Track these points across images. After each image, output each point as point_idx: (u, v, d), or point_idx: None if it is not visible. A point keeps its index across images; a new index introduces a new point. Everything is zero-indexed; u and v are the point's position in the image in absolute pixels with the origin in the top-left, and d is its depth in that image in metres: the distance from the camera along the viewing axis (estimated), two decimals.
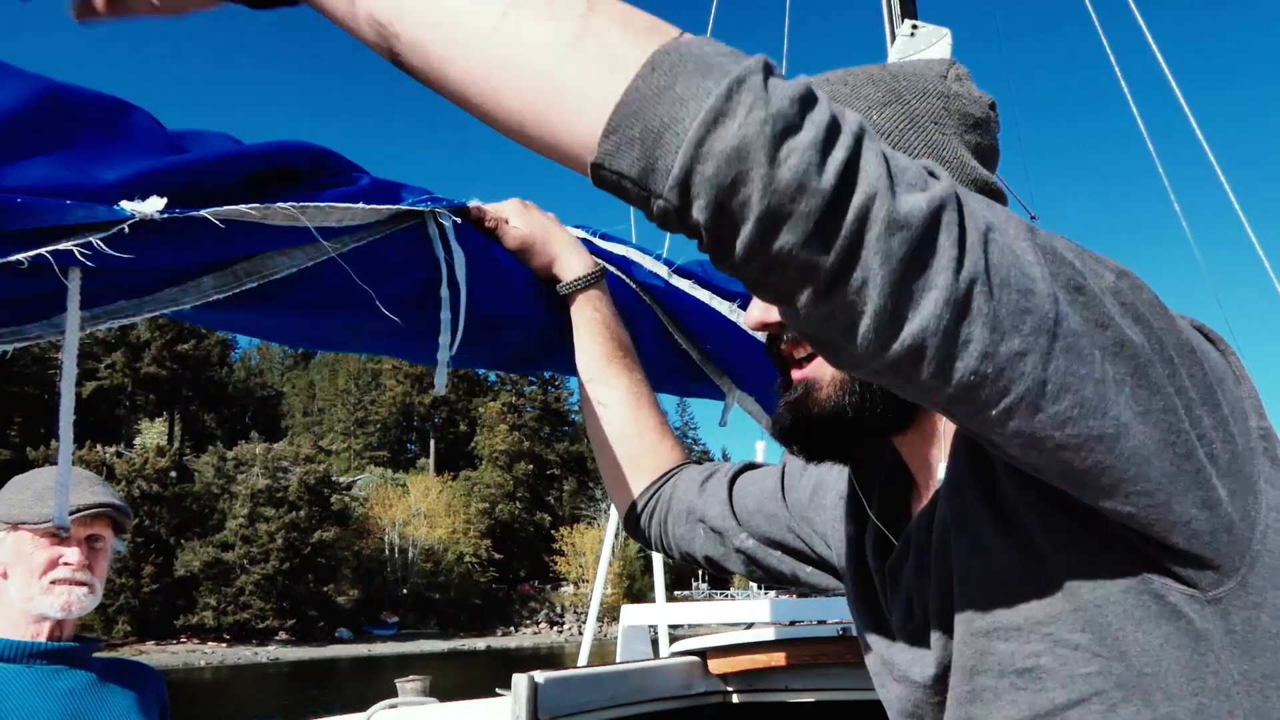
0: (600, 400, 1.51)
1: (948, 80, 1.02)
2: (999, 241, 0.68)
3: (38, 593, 1.99)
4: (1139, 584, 0.76)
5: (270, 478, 65.10)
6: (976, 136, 1.01)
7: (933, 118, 1.00)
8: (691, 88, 0.61)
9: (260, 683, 44.07)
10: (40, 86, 1.08)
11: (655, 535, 1.46)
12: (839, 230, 0.62)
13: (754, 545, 1.33)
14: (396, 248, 1.37)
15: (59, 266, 1.00)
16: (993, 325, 0.65)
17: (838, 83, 1.02)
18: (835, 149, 0.62)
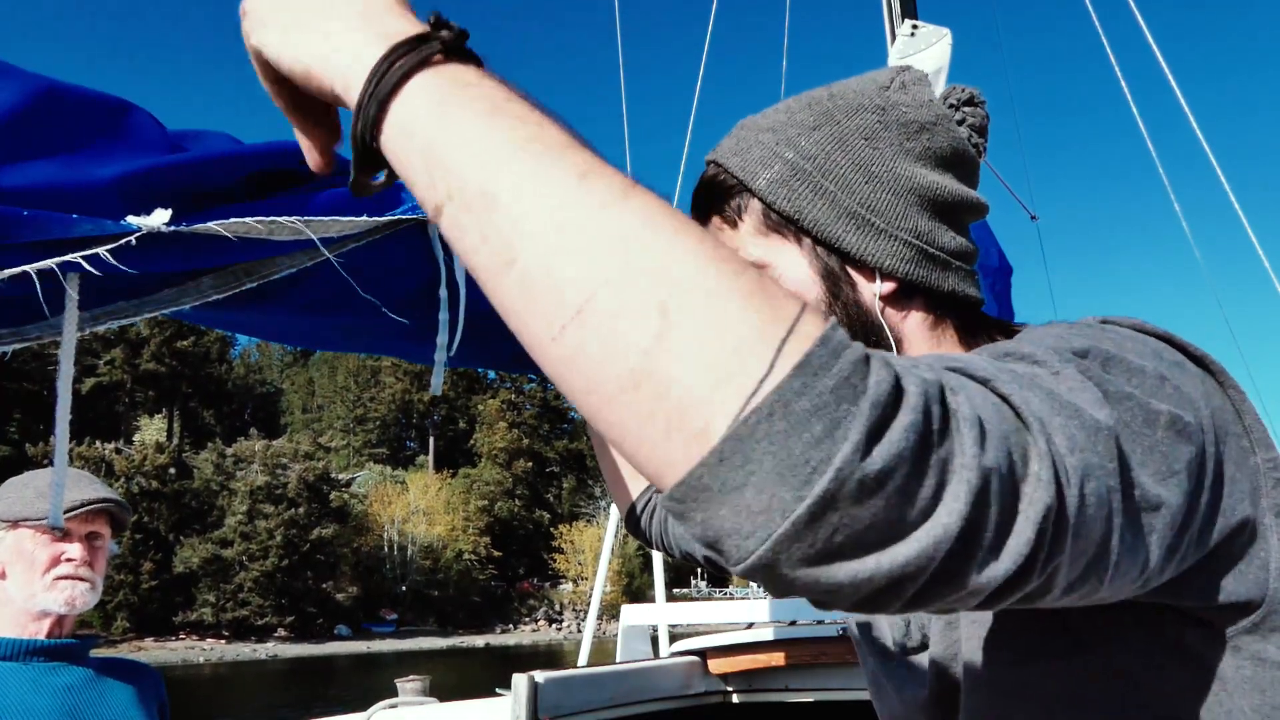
0: None
1: (889, 90, 1.02)
2: (1090, 501, 0.58)
3: (41, 589, 2.00)
4: (1154, 627, 0.76)
5: (269, 475, 65.12)
6: (925, 140, 1.00)
7: (864, 134, 1.00)
8: (765, 497, 0.47)
9: (259, 679, 44.07)
10: (41, 86, 1.08)
11: (655, 534, 1.46)
12: (943, 601, 0.54)
13: None
14: (396, 249, 1.37)
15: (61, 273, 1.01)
16: (1064, 588, 0.59)
17: (781, 111, 1.04)
18: (942, 513, 0.50)
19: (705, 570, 7.86)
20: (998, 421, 0.55)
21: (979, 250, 1.04)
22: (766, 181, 1.01)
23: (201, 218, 1.12)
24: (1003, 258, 3.06)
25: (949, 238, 1.00)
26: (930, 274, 0.99)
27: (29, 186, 1.02)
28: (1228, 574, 0.75)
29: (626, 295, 0.50)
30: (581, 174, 0.53)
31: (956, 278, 1.00)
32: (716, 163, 1.05)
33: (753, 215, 1.02)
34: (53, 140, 1.08)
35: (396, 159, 0.58)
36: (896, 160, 0.99)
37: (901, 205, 0.99)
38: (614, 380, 0.51)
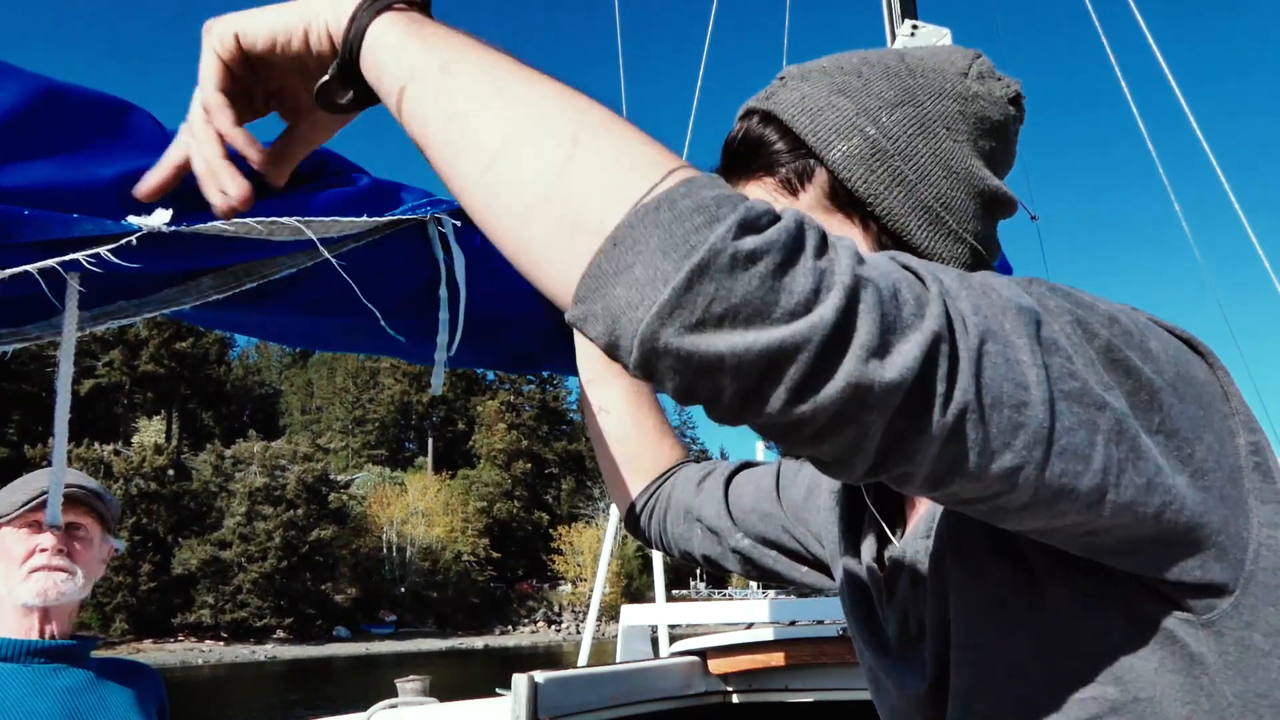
0: (600, 400, 1.50)
1: (969, 79, 0.96)
2: (992, 353, 0.64)
3: (17, 582, 2.00)
4: (1136, 612, 0.76)
5: (268, 476, 65.08)
6: (991, 141, 0.96)
7: (945, 122, 0.94)
8: (650, 270, 0.56)
9: (258, 681, 44.04)
10: (41, 86, 1.08)
11: (655, 534, 1.45)
12: (828, 398, 0.59)
13: (749, 545, 1.32)
14: (396, 250, 1.37)
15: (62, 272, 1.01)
16: (981, 448, 0.63)
17: (851, 74, 0.95)
18: (820, 308, 0.57)
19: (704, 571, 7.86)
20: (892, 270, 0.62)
21: None
22: (843, 155, 0.92)
23: (202, 218, 1.12)
24: (1003, 258, 3.06)
25: (995, 245, 0.98)
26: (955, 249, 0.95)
27: (29, 186, 1.02)
28: (1203, 551, 0.74)
29: (545, 125, 0.64)
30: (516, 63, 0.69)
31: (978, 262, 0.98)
32: (773, 116, 0.96)
33: (817, 186, 0.94)
34: (53, 140, 1.08)
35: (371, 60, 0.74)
36: (971, 158, 0.94)
37: (973, 206, 0.94)
38: (531, 196, 0.62)
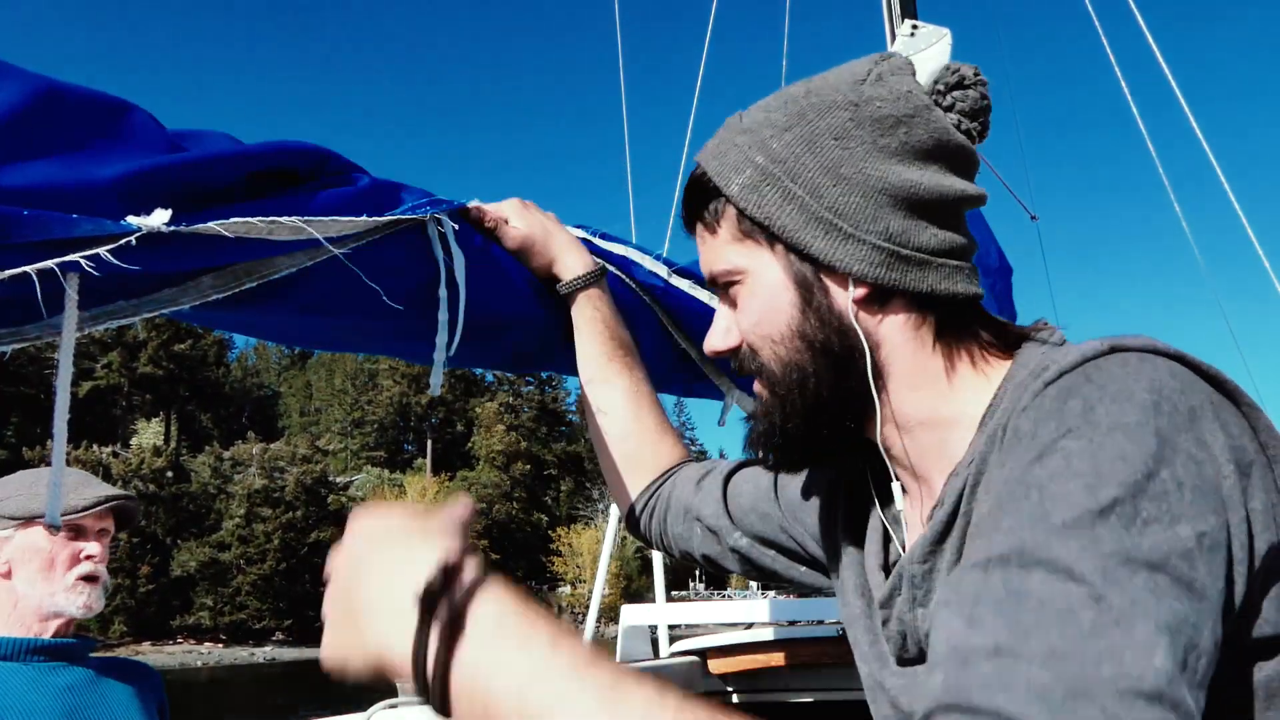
0: (601, 400, 1.50)
1: (864, 84, 0.99)
2: None
3: (61, 590, 1.98)
4: None
5: (267, 478, 65.04)
6: (903, 135, 0.96)
7: (834, 133, 0.97)
8: None
9: (257, 683, 44.00)
10: (40, 86, 1.08)
11: (656, 534, 1.45)
12: None
13: (748, 544, 1.32)
14: (396, 250, 1.37)
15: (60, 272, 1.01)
16: None
17: (760, 109, 1.03)
18: None
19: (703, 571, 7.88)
20: None
21: (975, 242, 1.02)
22: (739, 187, 1.00)
23: (201, 218, 1.12)
24: (1003, 258, 3.06)
25: (929, 235, 0.97)
26: (904, 275, 0.96)
27: (28, 186, 1.01)
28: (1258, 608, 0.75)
29: None
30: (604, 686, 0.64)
31: (939, 275, 0.97)
32: (700, 164, 1.05)
33: (728, 221, 1.02)
34: (52, 140, 1.08)
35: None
36: (868, 159, 0.96)
37: (871, 207, 0.96)
38: None
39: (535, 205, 1.61)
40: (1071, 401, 0.77)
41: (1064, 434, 0.75)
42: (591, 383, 1.51)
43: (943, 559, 0.93)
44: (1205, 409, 0.76)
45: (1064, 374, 0.80)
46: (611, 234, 1.77)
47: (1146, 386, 0.76)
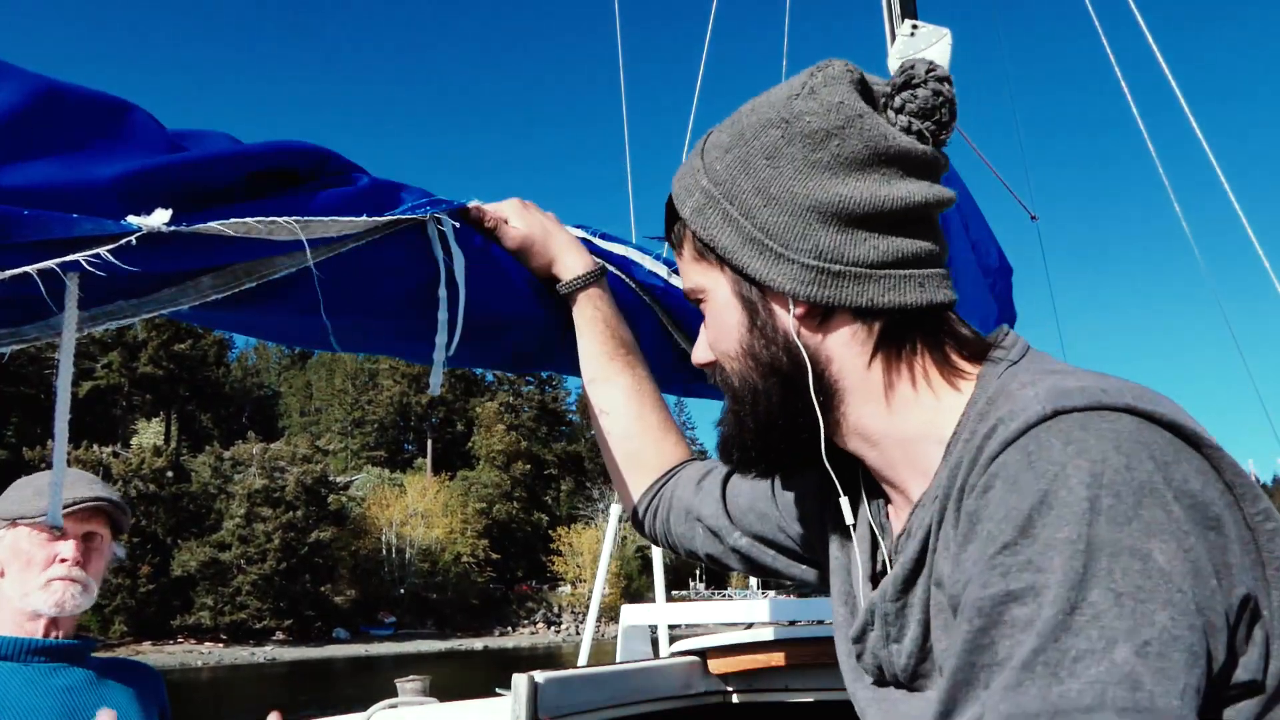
0: (603, 399, 1.50)
1: (797, 99, 0.98)
2: None
3: (35, 589, 1.99)
4: None
5: (267, 478, 65.03)
6: (834, 148, 0.95)
7: (765, 152, 0.97)
8: None
9: (257, 683, 44.01)
10: (40, 86, 1.08)
11: (660, 533, 1.46)
12: None
13: (748, 544, 1.32)
14: (396, 250, 1.37)
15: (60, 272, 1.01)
16: None
17: (717, 130, 1.04)
18: None
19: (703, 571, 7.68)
20: None
21: (940, 246, 0.99)
22: (690, 210, 1.02)
23: (201, 217, 1.12)
24: (1003, 258, 3.06)
25: (867, 248, 0.95)
26: (839, 292, 0.95)
27: (28, 186, 1.02)
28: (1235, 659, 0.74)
29: None
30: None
31: (881, 287, 0.95)
32: (672, 186, 1.08)
33: (689, 242, 1.06)
34: (52, 140, 1.08)
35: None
36: (797, 177, 0.96)
37: (800, 225, 0.95)
38: None
39: (535, 205, 1.60)
40: (1012, 499, 0.76)
41: (1001, 549, 0.75)
42: (593, 382, 1.51)
43: (915, 595, 0.93)
44: (1157, 478, 0.74)
45: (1008, 445, 0.79)
46: (611, 234, 1.77)
47: (1087, 474, 0.73)
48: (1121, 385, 0.80)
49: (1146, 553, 0.71)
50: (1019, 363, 0.93)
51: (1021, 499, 0.75)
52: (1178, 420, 0.77)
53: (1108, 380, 0.82)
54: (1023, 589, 0.72)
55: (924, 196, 0.95)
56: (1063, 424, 0.77)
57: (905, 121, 0.96)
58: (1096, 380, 0.81)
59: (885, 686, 1.01)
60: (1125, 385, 0.81)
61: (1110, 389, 0.79)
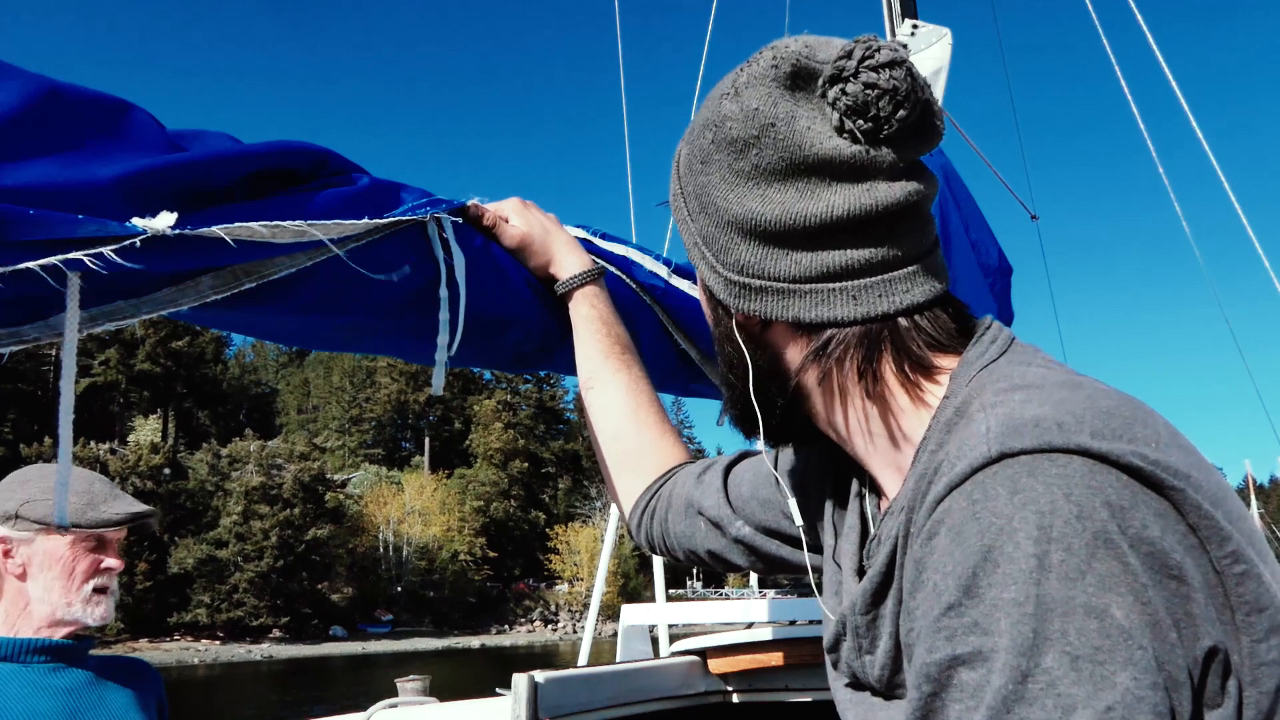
0: (598, 398, 1.48)
1: (725, 100, 0.92)
2: None
3: (78, 600, 1.98)
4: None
5: (264, 475, 65.06)
6: (754, 158, 0.90)
7: (702, 155, 0.94)
8: None
9: (254, 681, 44.02)
10: (40, 86, 1.08)
11: (658, 535, 1.40)
12: None
13: (751, 534, 1.27)
14: (396, 250, 1.37)
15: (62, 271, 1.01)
16: None
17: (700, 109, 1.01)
18: None
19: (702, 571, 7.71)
20: None
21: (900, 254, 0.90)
22: (671, 199, 1.02)
23: (201, 218, 1.12)
24: (1003, 258, 3.06)
25: (788, 263, 0.90)
26: (762, 306, 0.92)
27: (29, 186, 1.01)
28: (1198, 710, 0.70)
29: None
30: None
31: (806, 303, 0.91)
32: None
33: None
34: (53, 140, 1.08)
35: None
36: (721, 188, 0.92)
37: (724, 238, 0.93)
38: None
39: (536, 205, 1.60)
40: (957, 553, 0.71)
41: (946, 610, 0.70)
42: (589, 381, 1.49)
43: (885, 608, 0.91)
44: (1111, 527, 0.68)
45: (952, 490, 0.74)
46: (612, 234, 1.77)
47: (1034, 526, 0.68)
48: (1084, 412, 0.74)
49: (1103, 609, 0.66)
50: (996, 362, 0.87)
51: (965, 554, 0.70)
52: (1134, 461, 0.71)
53: (1072, 404, 0.75)
54: (969, 654, 0.68)
55: (850, 207, 0.88)
56: (1009, 469, 0.71)
57: (836, 119, 0.87)
58: (1057, 408, 0.74)
59: (862, 690, 0.99)
60: (1090, 412, 0.74)
61: (1067, 422, 0.72)
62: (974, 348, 0.90)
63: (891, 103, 0.85)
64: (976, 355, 0.88)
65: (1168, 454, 0.72)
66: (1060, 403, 0.75)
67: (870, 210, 0.87)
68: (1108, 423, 0.73)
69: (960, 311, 0.95)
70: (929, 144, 0.91)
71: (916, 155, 0.90)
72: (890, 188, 0.88)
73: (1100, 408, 0.75)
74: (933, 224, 0.95)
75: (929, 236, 0.93)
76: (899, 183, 0.89)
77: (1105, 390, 0.79)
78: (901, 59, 0.87)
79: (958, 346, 0.91)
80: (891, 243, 0.90)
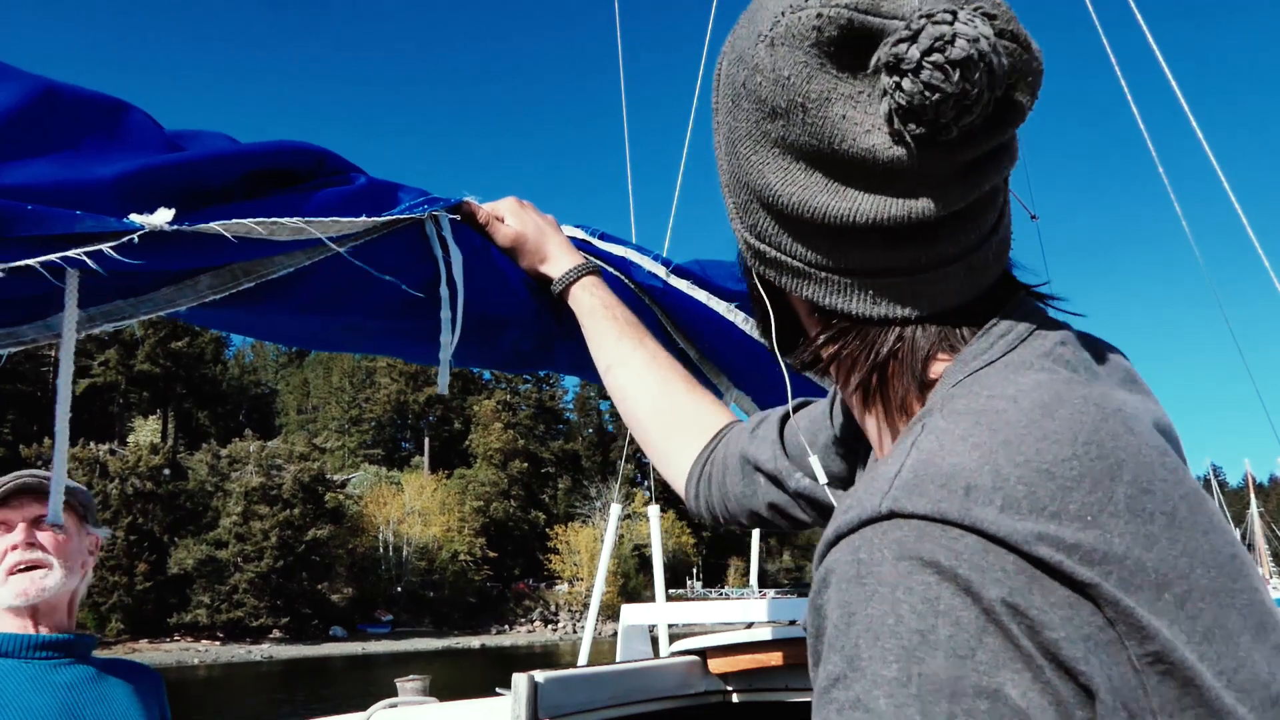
0: (622, 379, 1.43)
1: (760, 44, 0.76)
2: None
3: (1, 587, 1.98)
4: None
5: (264, 475, 65.05)
6: (780, 128, 0.77)
7: (733, 91, 0.81)
8: None
9: (254, 681, 44.01)
10: (38, 86, 1.08)
11: (718, 501, 1.30)
12: None
13: (810, 485, 1.17)
14: (394, 249, 1.37)
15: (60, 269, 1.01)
16: None
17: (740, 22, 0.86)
18: None
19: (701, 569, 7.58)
20: None
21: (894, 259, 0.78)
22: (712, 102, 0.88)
23: (200, 217, 1.12)
24: None
25: (802, 247, 0.80)
26: (779, 277, 0.84)
27: (27, 185, 1.01)
28: None
29: None
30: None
31: (824, 289, 0.81)
32: None
33: None
34: (51, 141, 1.08)
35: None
36: (748, 140, 0.80)
37: (745, 196, 0.83)
38: None
39: (533, 205, 1.60)
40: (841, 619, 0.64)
41: (834, 683, 0.63)
42: (608, 366, 1.45)
43: None
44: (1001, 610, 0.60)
45: (841, 539, 0.67)
46: (611, 234, 1.77)
47: (920, 599, 0.61)
48: (1014, 470, 0.65)
49: (995, 690, 0.59)
50: (992, 365, 0.76)
51: (849, 623, 0.63)
52: (1037, 550, 0.62)
53: (1009, 453, 0.66)
54: None
55: (877, 216, 0.75)
56: (897, 533, 0.63)
57: (885, 113, 0.72)
58: (985, 458, 0.66)
59: None
60: (1023, 469, 0.65)
61: (981, 485, 0.64)
62: (977, 342, 0.79)
63: (957, 108, 0.70)
64: (974, 354, 0.78)
65: (1101, 530, 0.63)
66: (995, 450, 0.66)
67: (903, 221, 0.75)
68: (1035, 489, 0.64)
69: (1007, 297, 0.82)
70: (1009, 128, 0.74)
71: (988, 147, 0.74)
72: (936, 195, 0.75)
73: (1042, 463, 0.65)
74: (997, 204, 0.80)
75: (986, 224, 0.79)
76: (950, 187, 0.75)
77: (1073, 430, 0.68)
78: (981, 55, 0.69)
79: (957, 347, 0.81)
80: (930, 245, 0.77)
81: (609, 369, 1.45)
